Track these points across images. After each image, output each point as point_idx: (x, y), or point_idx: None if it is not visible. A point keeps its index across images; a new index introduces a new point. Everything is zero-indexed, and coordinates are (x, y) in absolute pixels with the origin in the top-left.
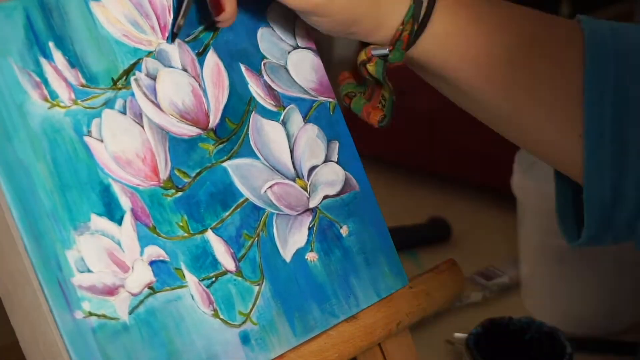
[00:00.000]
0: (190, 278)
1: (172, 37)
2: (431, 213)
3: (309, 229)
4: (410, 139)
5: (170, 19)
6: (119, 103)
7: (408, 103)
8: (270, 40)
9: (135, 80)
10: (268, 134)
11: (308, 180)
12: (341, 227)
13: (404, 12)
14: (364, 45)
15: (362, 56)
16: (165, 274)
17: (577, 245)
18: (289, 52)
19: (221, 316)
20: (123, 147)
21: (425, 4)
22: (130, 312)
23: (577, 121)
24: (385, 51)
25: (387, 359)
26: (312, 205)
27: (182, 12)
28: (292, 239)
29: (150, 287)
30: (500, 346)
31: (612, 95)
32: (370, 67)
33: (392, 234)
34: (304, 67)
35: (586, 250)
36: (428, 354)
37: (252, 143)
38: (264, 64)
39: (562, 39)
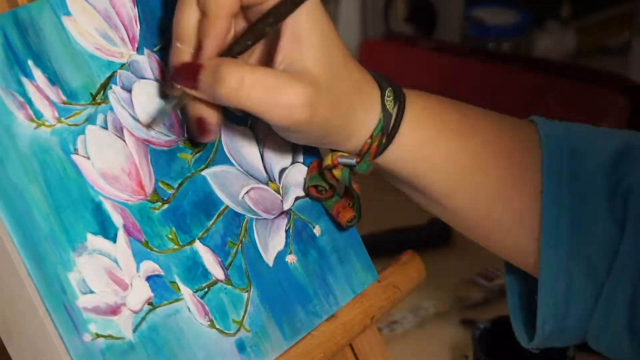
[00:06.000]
0: (185, 290)
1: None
2: (431, 215)
3: (286, 231)
4: None
5: (137, 29)
6: (100, 118)
7: None
8: None
9: (113, 93)
10: (239, 139)
11: (280, 182)
12: (314, 227)
13: (373, 125)
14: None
15: (328, 161)
16: (162, 289)
17: (530, 346)
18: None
19: (217, 326)
20: (109, 163)
21: (393, 116)
22: (134, 330)
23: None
24: (352, 161)
25: (358, 354)
26: (286, 207)
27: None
28: (272, 243)
29: (150, 303)
30: (506, 344)
31: (568, 196)
32: (336, 173)
33: (393, 236)
34: None
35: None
36: (428, 354)
37: (225, 150)
38: None
39: (525, 144)
